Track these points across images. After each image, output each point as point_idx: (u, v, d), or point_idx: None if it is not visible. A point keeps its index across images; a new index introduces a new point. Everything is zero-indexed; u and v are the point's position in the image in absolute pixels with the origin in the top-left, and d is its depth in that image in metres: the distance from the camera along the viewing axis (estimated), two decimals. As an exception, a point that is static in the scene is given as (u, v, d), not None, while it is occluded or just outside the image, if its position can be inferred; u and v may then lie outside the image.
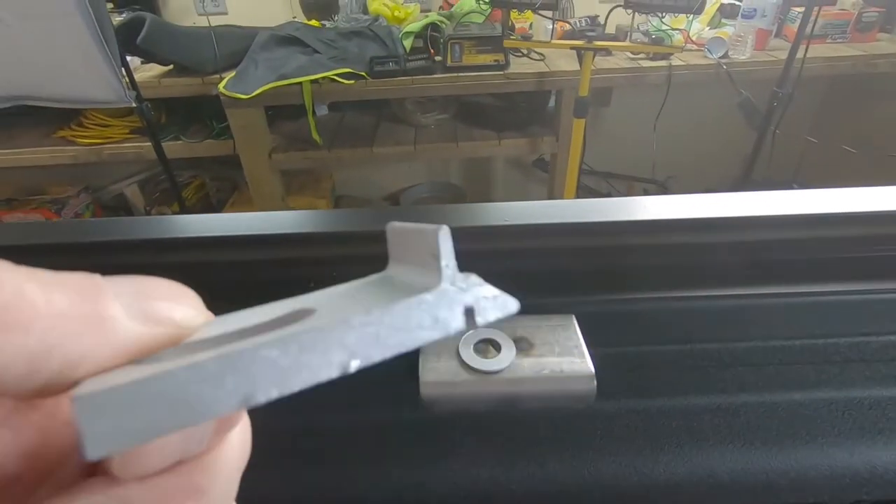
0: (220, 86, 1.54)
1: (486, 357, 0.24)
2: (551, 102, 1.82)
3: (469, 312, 0.11)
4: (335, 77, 1.56)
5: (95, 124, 1.75)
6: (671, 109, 1.73)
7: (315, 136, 1.68)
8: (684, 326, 0.28)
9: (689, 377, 0.30)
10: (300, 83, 1.54)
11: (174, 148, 1.72)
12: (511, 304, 0.12)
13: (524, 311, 0.27)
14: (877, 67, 1.64)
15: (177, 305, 0.11)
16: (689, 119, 1.94)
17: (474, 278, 0.12)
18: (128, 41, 1.45)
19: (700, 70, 1.62)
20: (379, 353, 0.10)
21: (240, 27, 1.76)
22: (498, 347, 0.24)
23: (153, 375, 0.09)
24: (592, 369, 0.23)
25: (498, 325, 0.25)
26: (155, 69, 1.69)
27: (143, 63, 1.73)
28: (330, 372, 0.10)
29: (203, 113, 1.78)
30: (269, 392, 0.09)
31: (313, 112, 1.72)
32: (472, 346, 0.24)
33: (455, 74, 1.58)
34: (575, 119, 1.55)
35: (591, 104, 1.54)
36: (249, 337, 0.10)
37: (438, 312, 0.11)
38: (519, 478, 0.29)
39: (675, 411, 0.31)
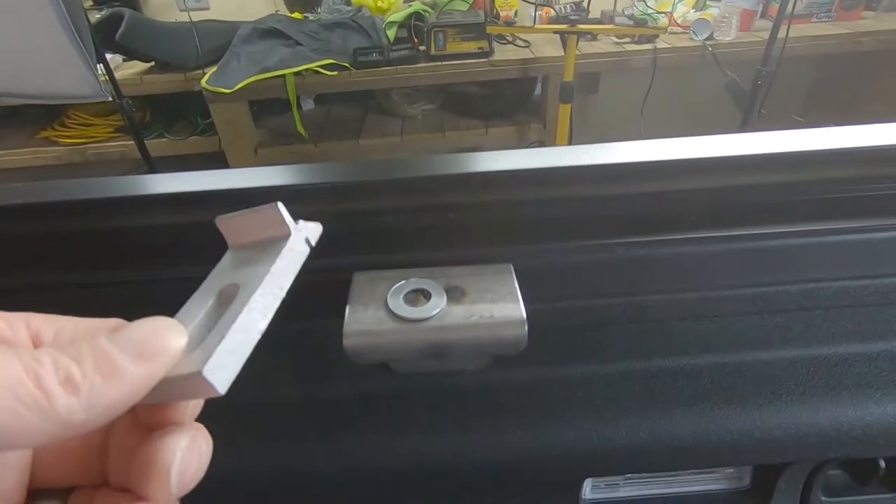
0: (203, 81, 1.52)
1: (414, 306, 0.23)
2: (537, 90, 1.81)
3: (307, 240, 0.20)
4: (319, 69, 1.54)
5: (78, 124, 1.73)
6: (658, 94, 1.72)
7: (300, 129, 1.67)
8: (637, 276, 0.28)
9: (649, 337, 0.30)
10: (283, 76, 1.53)
11: (159, 146, 1.71)
12: (319, 227, 0.21)
13: (462, 261, 0.26)
14: (862, 45, 1.64)
15: (165, 338, 0.16)
16: (676, 103, 1.94)
17: (301, 222, 0.21)
18: (107, 38, 1.44)
19: (685, 52, 1.61)
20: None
21: (222, 21, 1.75)
22: (428, 296, 0.24)
23: (215, 347, 0.16)
24: (524, 314, 0.22)
25: (432, 275, 0.25)
26: (137, 66, 1.68)
27: (124, 60, 1.71)
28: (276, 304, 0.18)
29: (187, 110, 1.77)
30: (262, 325, 0.17)
31: (298, 106, 1.71)
32: (401, 296, 0.24)
33: (439, 63, 1.57)
34: (561, 105, 1.54)
35: (578, 91, 1.53)
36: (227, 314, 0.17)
37: (296, 247, 0.20)
38: (479, 446, 0.29)
39: (637, 374, 0.30)
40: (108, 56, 1.47)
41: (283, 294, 0.19)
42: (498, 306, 0.23)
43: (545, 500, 0.34)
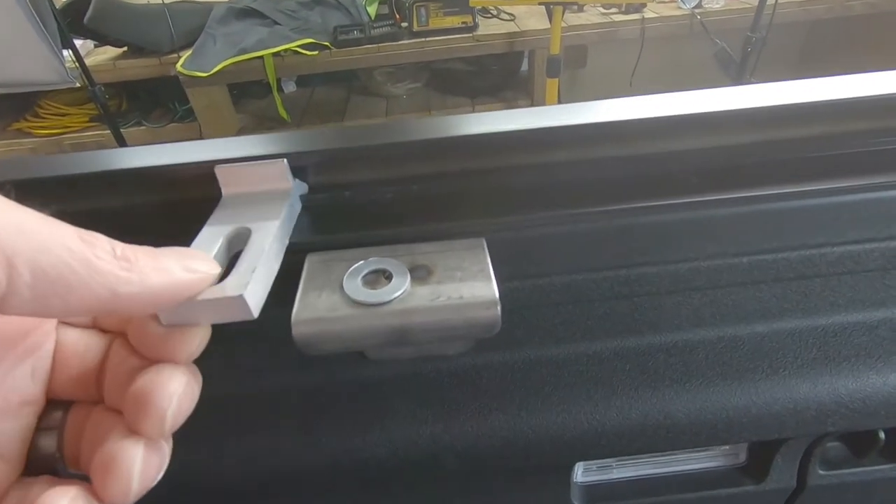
0: (178, 65, 1.47)
1: (374, 288, 0.21)
2: (524, 65, 1.78)
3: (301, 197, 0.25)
4: (298, 49, 1.50)
5: (52, 114, 1.68)
6: (647, 66, 1.69)
7: (282, 112, 1.63)
8: (623, 248, 0.26)
9: (638, 312, 0.28)
10: (262, 57, 1.48)
11: (137, 134, 1.66)
12: (306, 187, 0.26)
13: (429, 237, 0.24)
14: (853, 10, 1.61)
15: (201, 262, 0.18)
16: (665, 74, 1.90)
17: (297, 180, 0.25)
18: (75, 22, 1.38)
19: (673, 22, 1.58)
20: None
21: (195, 2, 1.68)
22: (390, 277, 0.22)
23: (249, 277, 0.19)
24: (496, 294, 0.20)
25: (395, 253, 0.23)
26: (109, 52, 1.62)
27: (96, 46, 1.65)
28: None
29: (165, 96, 1.71)
30: (277, 266, 0.21)
31: (280, 88, 1.66)
32: (359, 278, 0.22)
33: (422, 40, 1.53)
34: (548, 79, 1.50)
35: (565, 65, 1.50)
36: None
37: (295, 203, 0.24)
38: (461, 434, 0.27)
39: (627, 352, 0.28)
40: (79, 42, 1.41)
41: (287, 243, 0.22)
42: (467, 285, 0.21)
43: (535, 485, 0.33)
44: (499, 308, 0.20)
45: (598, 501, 0.34)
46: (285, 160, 0.24)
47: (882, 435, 0.31)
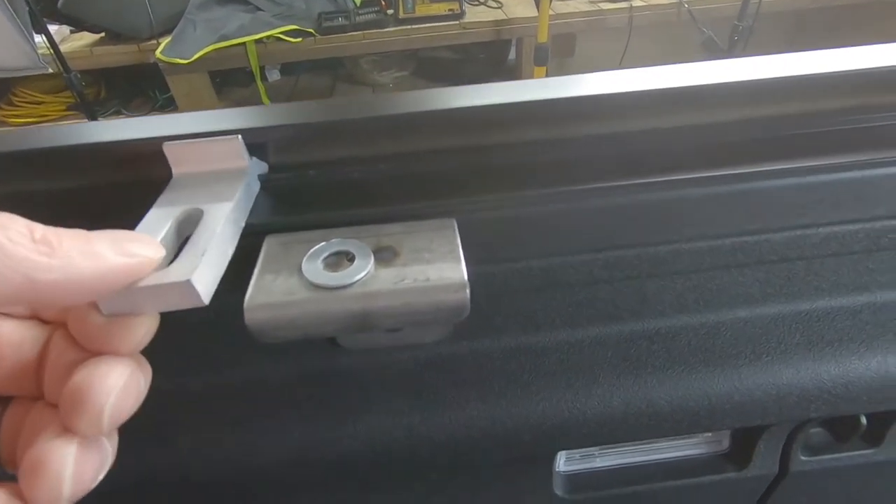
0: (157, 52, 1.44)
1: (334, 271, 0.20)
2: (511, 54, 1.76)
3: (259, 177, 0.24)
4: (281, 36, 1.47)
5: (27, 102, 1.63)
6: (634, 54, 1.68)
7: (266, 101, 1.60)
8: (602, 229, 0.25)
9: (619, 298, 0.27)
10: (244, 44, 1.45)
11: (116, 123, 1.62)
12: (266, 166, 0.25)
13: (397, 218, 0.23)
14: (838, 0, 1.61)
15: (141, 245, 0.16)
16: (653, 63, 1.90)
17: (254, 158, 0.23)
18: (49, 6, 1.33)
19: (661, 10, 1.57)
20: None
21: (175, -13, 1.64)
22: (352, 259, 0.21)
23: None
24: (465, 276, 0.19)
25: (359, 234, 0.21)
26: (86, 38, 1.57)
27: (72, 32, 1.60)
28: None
29: (145, 84, 1.67)
30: (231, 251, 0.20)
31: (263, 76, 1.63)
32: (319, 261, 0.20)
33: (408, 27, 1.50)
34: (536, 68, 1.49)
35: (553, 54, 1.48)
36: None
37: (251, 182, 0.23)
38: (438, 424, 0.26)
39: (609, 339, 0.28)
40: (55, 27, 1.37)
41: (243, 226, 0.21)
42: (435, 267, 0.20)
43: (517, 476, 0.32)
44: (468, 291, 0.19)
45: (581, 490, 0.33)
46: (240, 137, 0.22)
47: (864, 420, 0.31)
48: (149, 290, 0.16)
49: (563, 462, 0.33)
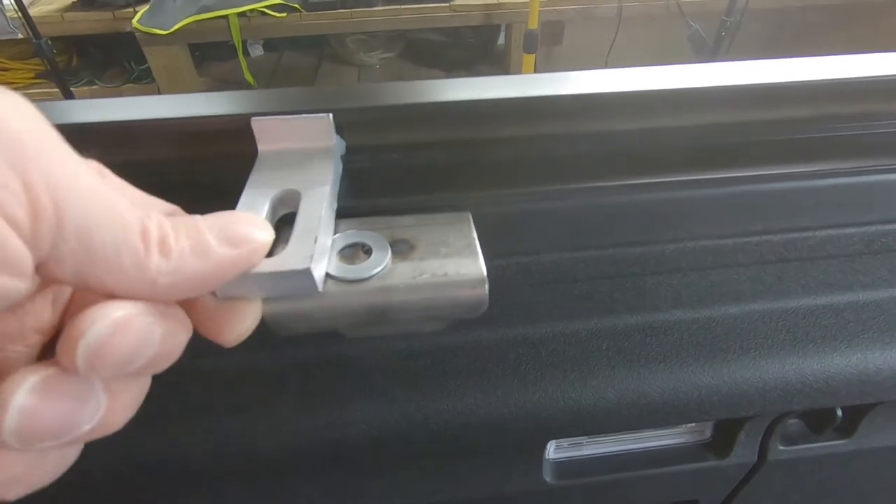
0: (134, 20, 1.38)
1: (351, 263, 0.20)
2: (500, 39, 1.74)
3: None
4: (265, 10, 1.42)
5: (-8, 68, 1.55)
6: (622, 46, 1.68)
7: (248, 77, 1.55)
8: (610, 227, 0.25)
9: (619, 293, 0.28)
10: (226, 17, 1.40)
11: (89, 94, 1.55)
12: (345, 144, 0.24)
13: (411, 209, 0.23)
14: (822, -1, 1.64)
15: (252, 229, 0.16)
16: (640, 55, 1.91)
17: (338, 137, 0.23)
18: (16, -34, 1.26)
19: (650, 2, 1.57)
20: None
21: (153, -47, 1.56)
22: (369, 252, 0.20)
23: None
24: (484, 272, 0.19)
25: (374, 226, 0.21)
26: (57, 2, 1.49)
27: (41, -5, 1.52)
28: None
29: (120, 53, 1.60)
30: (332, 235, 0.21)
31: (245, 51, 1.58)
32: (336, 253, 0.20)
33: (397, 7, 1.47)
34: (525, 55, 1.48)
35: (542, 41, 1.48)
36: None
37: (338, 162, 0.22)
38: (435, 412, 0.27)
39: (605, 332, 0.28)
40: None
41: (335, 209, 0.21)
42: (453, 262, 0.20)
43: (508, 463, 0.33)
44: (486, 287, 0.19)
45: (570, 477, 0.34)
46: (331, 115, 0.22)
47: (839, 412, 0.32)
48: (265, 276, 0.16)
49: (553, 450, 0.34)
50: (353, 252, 0.21)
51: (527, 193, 0.23)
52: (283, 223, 0.19)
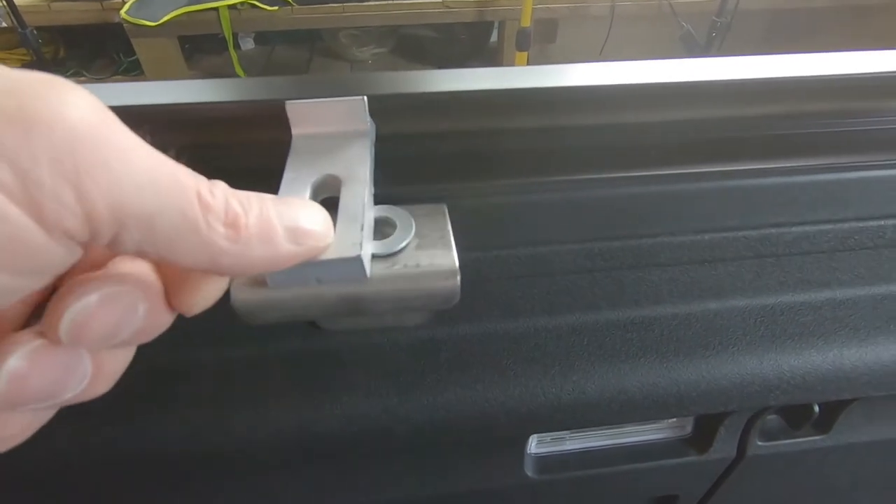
0: (122, 11, 1.36)
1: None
2: (493, 36, 1.74)
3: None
4: (256, 3, 1.41)
5: (-23, 57, 1.52)
6: (614, 45, 1.69)
7: (239, 71, 1.54)
8: (587, 221, 0.25)
9: (599, 288, 0.28)
10: (216, 9, 1.38)
11: (76, 85, 1.53)
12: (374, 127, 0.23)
13: (386, 201, 0.23)
14: (814, 1, 1.65)
15: (318, 228, 0.16)
16: (633, 54, 1.92)
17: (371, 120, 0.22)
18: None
19: (643, 2, 1.58)
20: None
21: (142, -57, 1.54)
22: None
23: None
24: (456, 263, 0.19)
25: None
26: (43, -9, 1.47)
27: (28, -16, 1.49)
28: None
29: (108, 45, 1.58)
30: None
31: (236, 45, 1.56)
32: None
33: (390, 2, 1.46)
34: (517, 52, 1.48)
35: (535, 39, 1.48)
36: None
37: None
38: (416, 407, 0.27)
39: (586, 327, 0.28)
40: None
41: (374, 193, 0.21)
42: (426, 253, 0.20)
43: (489, 457, 0.33)
44: (458, 278, 0.19)
45: (551, 472, 0.34)
46: (365, 98, 0.22)
47: (816, 408, 0.33)
48: (317, 264, 0.16)
49: (535, 444, 0.34)
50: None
51: (505, 186, 0.23)
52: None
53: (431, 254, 0.20)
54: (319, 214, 0.17)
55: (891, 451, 0.38)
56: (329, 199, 0.20)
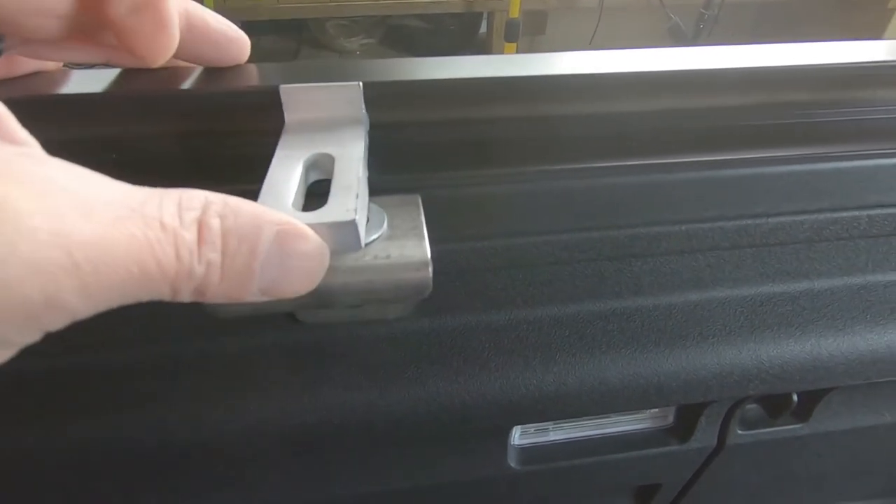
0: (104, -1, 1.33)
1: None
2: (482, 27, 1.73)
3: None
4: (241, -9, 1.38)
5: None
6: (603, 37, 1.69)
7: (224, 61, 1.51)
8: (563, 211, 0.25)
9: (579, 279, 0.28)
10: (200, -2, 1.36)
11: (57, 75, 1.50)
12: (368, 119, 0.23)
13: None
14: (800, -6, 1.66)
15: (295, 290, 0.16)
16: (621, 46, 1.92)
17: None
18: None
19: (632, -8, 1.58)
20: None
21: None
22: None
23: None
24: (428, 254, 0.19)
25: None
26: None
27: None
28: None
29: (89, 34, 1.55)
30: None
31: (221, 34, 1.54)
32: None
33: (378, -9, 1.45)
34: (506, 44, 1.48)
35: (524, 31, 1.47)
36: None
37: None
38: (397, 400, 0.26)
39: (567, 319, 0.28)
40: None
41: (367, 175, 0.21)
42: (397, 244, 0.19)
43: (473, 450, 0.33)
44: (430, 269, 0.19)
45: (535, 463, 0.35)
46: (360, 84, 0.21)
47: (795, 397, 0.33)
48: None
49: (519, 436, 0.34)
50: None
51: (483, 176, 0.23)
52: (315, 192, 0.19)
53: (402, 244, 0.19)
54: (320, 262, 0.16)
55: (867, 438, 0.39)
56: (317, 184, 0.20)
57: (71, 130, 0.21)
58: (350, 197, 0.17)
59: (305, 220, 0.16)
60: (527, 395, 0.27)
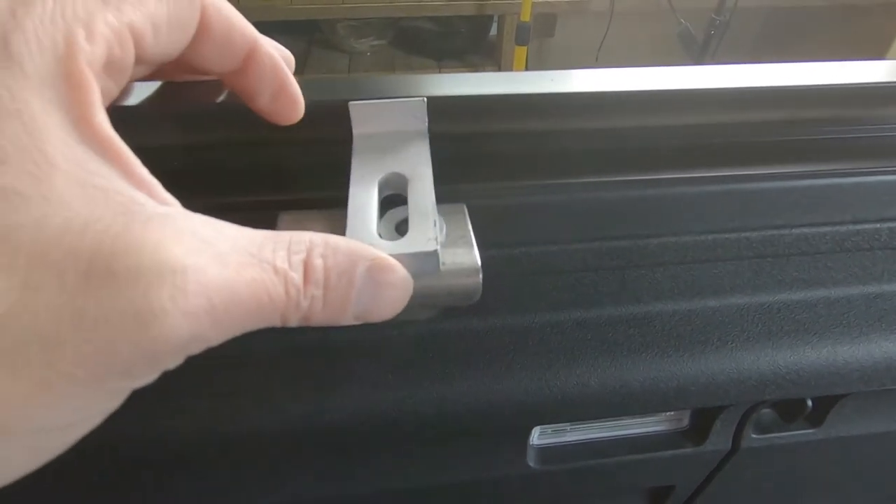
0: None
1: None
2: (493, 30, 1.74)
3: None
4: (254, -8, 1.40)
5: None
6: (613, 41, 1.69)
7: (237, 61, 1.53)
8: (598, 221, 0.26)
9: (603, 285, 0.29)
10: (214, -1, 1.37)
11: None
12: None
13: (400, 201, 0.23)
14: (812, 0, 1.66)
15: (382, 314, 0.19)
16: (631, 51, 1.92)
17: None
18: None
19: (643, -3, 1.58)
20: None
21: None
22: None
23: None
24: (478, 262, 0.20)
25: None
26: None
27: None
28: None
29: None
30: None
31: (234, 34, 1.55)
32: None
33: (390, -6, 1.46)
34: (517, 46, 1.48)
35: (534, 34, 1.48)
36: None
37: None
38: (426, 399, 0.27)
39: (590, 323, 0.29)
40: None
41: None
42: (448, 252, 0.20)
43: (493, 448, 0.34)
44: (480, 276, 0.20)
45: (552, 463, 0.35)
46: (425, 99, 0.23)
47: (809, 403, 0.34)
48: (396, 259, 0.17)
49: (538, 436, 0.35)
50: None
51: (518, 187, 0.24)
52: (388, 203, 0.21)
53: (454, 252, 0.20)
54: (402, 293, 0.18)
55: (880, 444, 0.39)
56: (389, 197, 0.22)
57: (162, 138, 0.23)
58: (429, 226, 0.19)
59: (391, 250, 0.17)
60: (550, 396, 0.28)
